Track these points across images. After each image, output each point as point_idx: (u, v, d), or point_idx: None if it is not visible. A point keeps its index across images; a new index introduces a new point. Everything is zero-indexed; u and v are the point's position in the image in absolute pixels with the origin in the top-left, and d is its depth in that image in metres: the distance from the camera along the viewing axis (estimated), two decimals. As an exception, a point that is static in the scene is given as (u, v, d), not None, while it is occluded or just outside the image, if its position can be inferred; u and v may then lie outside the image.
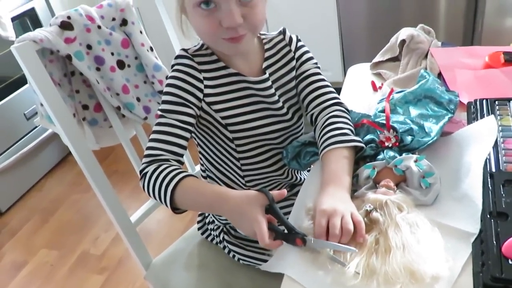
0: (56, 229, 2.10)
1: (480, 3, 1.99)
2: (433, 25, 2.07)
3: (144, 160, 0.81)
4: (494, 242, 0.61)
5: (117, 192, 1.08)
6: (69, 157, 2.54)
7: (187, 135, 0.83)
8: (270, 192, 0.70)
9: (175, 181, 0.76)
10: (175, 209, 0.79)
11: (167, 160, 0.80)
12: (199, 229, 1.14)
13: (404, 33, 1.12)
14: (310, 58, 0.94)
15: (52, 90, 0.94)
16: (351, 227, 0.66)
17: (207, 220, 1.11)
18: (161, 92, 1.13)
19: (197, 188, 0.76)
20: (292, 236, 0.67)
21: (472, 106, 0.89)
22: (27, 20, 2.30)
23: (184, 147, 0.83)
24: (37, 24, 2.32)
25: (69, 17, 0.96)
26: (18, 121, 2.26)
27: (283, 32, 0.94)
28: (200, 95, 0.85)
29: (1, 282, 1.84)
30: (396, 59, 1.15)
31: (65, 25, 0.95)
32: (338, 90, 1.11)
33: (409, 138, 0.80)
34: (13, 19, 2.13)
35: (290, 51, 0.93)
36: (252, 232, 0.68)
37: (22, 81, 2.22)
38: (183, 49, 0.87)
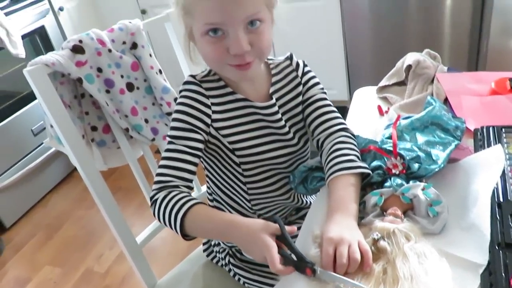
0: (60, 245, 2.09)
1: (485, 23, 2.01)
2: (438, 46, 2.09)
3: (154, 186, 0.82)
4: (503, 274, 0.61)
5: (122, 209, 1.08)
6: (75, 173, 2.55)
7: (196, 160, 0.84)
8: (280, 219, 0.70)
9: (185, 209, 0.76)
10: (185, 236, 0.79)
11: (177, 186, 0.81)
12: (204, 250, 1.14)
13: (410, 58, 1.13)
14: (317, 84, 0.95)
15: (62, 112, 0.95)
16: (358, 256, 0.66)
17: (213, 242, 1.11)
18: (169, 114, 1.14)
19: (207, 216, 0.77)
20: (302, 265, 0.67)
21: (478, 133, 0.90)
22: (37, 38, 2.34)
23: (193, 173, 0.84)
24: (46, 41, 2.36)
25: (80, 41, 0.98)
26: (26, 137, 2.28)
27: (290, 57, 0.95)
28: (208, 121, 0.86)
29: (4, 299, 1.84)
30: (402, 83, 1.16)
31: (77, 49, 0.97)
32: (343, 109, 1.12)
33: (416, 165, 0.81)
34: (23, 37, 2.17)
35: (297, 76, 0.94)
36: (263, 258, 0.68)
37: (30, 97, 2.25)
38: (191, 75, 0.88)
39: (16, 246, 2.12)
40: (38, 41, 2.34)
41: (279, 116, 0.90)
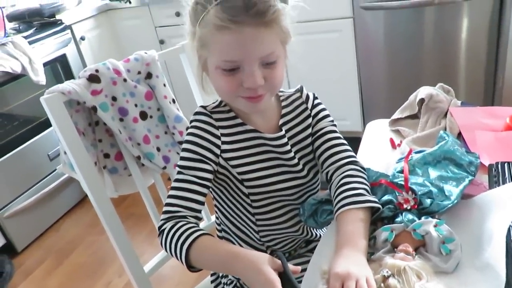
0: (70, 271, 2.09)
1: (500, 58, 2.00)
2: (454, 81, 2.08)
3: (162, 216, 0.82)
4: (520, 318, 0.58)
5: (133, 236, 1.08)
6: (87, 199, 2.54)
7: (205, 190, 0.84)
8: (284, 255, 0.69)
9: (190, 240, 0.76)
10: (191, 267, 0.78)
11: (185, 216, 0.81)
12: (212, 282, 1.13)
13: (423, 92, 1.13)
14: (327, 116, 0.95)
15: (76, 139, 0.97)
16: None
17: (220, 274, 1.10)
18: (181, 142, 1.15)
19: (212, 247, 0.76)
20: None
21: (493, 169, 0.88)
22: (58, 66, 2.41)
23: (201, 203, 0.84)
24: (67, 69, 2.43)
25: (97, 70, 1.00)
26: (42, 162, 2.32)
27: (301, 90, 0.96)
28: (217, 151, 0.86)
29: (11, 325, 1.83)
30: (415, 116, 1.15)
31: (93, 78, 0.99)
32: (357, 140, 1.11)
33: (428, 201, 0.79)
34: (45, 64, 2.24)
35: (306, 108, 0.94)
36: None
37: (47, 123, 2.25)
38: (202, 106, 0.90)
39: (26, 271, 2.12)
40: (59, 68, 2.41)
41: (288, 147, 0.90)
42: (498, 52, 2.01)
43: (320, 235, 1.04)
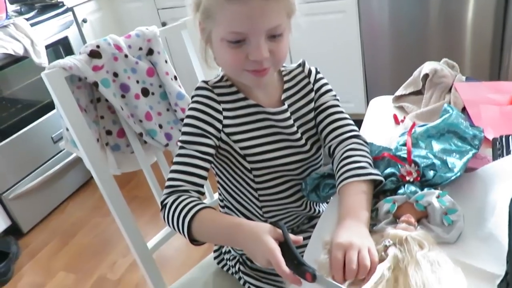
0: (75, 252, 2.11)
1: (507, 37, 1.97)
2: (459, 59, 2.05)
3: (165, 191, 0.82)
4: (521, 285, 0.58)
5: (137, 218, 1.09)
6: (92, 181, 2.57)
7: (207, 165, 0.84)
8: (285, 225, 0.69)
9: (192, 213, 0.76)
10: (194, 241, 0.78)
11: (187, 191, 0.81)
12: (215, 258, 1.13)
13: (427, 67, 1.12)
14: (329, 90, 0.94)
15: (78, 115, 0.97)
16: (367, 262, 0.64)
17: (223, 250, 1.10)
18: (183, 120, 1.14)
19: (214, 220, 0.76)
20: (302, 269, 0.65)
21: (497, 142, 0.87)
22: (60, 48, 2.40)
23: (204, 177, 0.83)
24: (69, 51, 2.42)
25: (98, 46, 1.00)
26: (46, 144, 2.32)
27: (303, 64, 0.95)
28: (219, 126, 0.86)
29: (18, 304, 1.86)
30: (419, 92, 1.14)
31: (94, 54, 0.99)
32: (360, 122, 1.11)
33: (431, 173, 0.79)
34: (47, 47, 2.23)
35: (309, 83, 0.93)
36: (266, 261, 0.66)
37: (51, 105, 2.30)
38: (203, 81, 0.89)
39: (32, 252, 2.14)
40: (61, 51, 2.40)
41: (291, 122, 0.89)
42: (504, 31, 1.98)
43: (322, 210, 1.04)
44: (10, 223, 2.18)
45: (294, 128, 0.90)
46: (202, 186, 0.84)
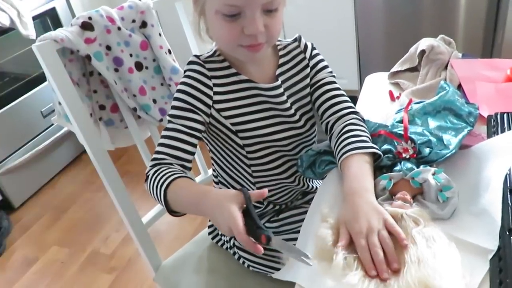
0: (67, 227, 2.11)
1: (501, 15, 1.96)
2: (452, 36, 2.04)
3: (150, 163, 0.83)
4: (513, 260, 0.60)
5: (129, 193, 1.08)
6: (83, 156, 2.57)
7: (194, 141, 0.83)
8: (248, 191, 0.69)
9: (167, 182, 0.76)
10: (172, 212, 0.79)
11: (170, 164, 0.81)
12: (209, 233, 1.14)
13: (424, 43, 1.11)
14: (326, 67, 0.94)
15: (71, 89, 0.95)
16: (390, 242, 0.65)
17: (217, 225, 1.11)
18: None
19: (186, 188, 0.76)
20: (258, 232, 0.65)
21: (492, 120, 0.88)
22: (47, 20, 2.33)
23: (190, 153, 0.83)
24: (57, 23, 2.35)
25: (90, 18, 0.97)
26: (35, 119, 2.29)
27: (299, 39, 0.93)
28: (209, 102, 0.85)
29: (11, 278, 1.86)
30: (415, 69, 1.14)
31: (86, 26, 0.96)
32: (353, 99, 1.10)
33: (427, 150, 0.79)
34: (34, 18, 2.16)
35: (304, 58, 0.92)
36: (228, 229, 0.66)
37: (40, 79, 2.25)
38: (195, 55, 0.88)
39: (24, 226, 2.14)
40: (48, 22, 2.33)
41: (284, 98, 0.89)
42: (498, 8, 1.97)
43: (316, 187, 1.04)
44: (0, 198, 2.17)
45: (288, 104, 0.89)
46: (187, 161, 0.83)
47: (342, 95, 0.92)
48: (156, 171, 0.79)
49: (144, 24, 1.06)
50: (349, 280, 0.62)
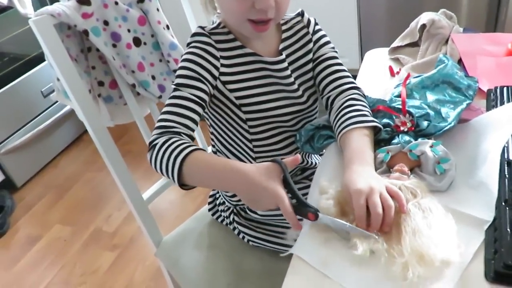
0: (70, 205, 2.13)
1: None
2: (455, 12, 2.01)
3: (155, 132, 0.78)
4: (508, 229, 0.60)
5: (131, 172, 1.09)
6: (85, 136, 2.57)
7: (200, 110, 0.82)
8: (282, 161, 0.68)
9: (184, 153, 0.72)
10: (183, 185, 0.76)
11: (179, 133, 0.78)
12: (209, 210, 1.15)
13: (425, 17, 1.10)
14: (328, 42, 0.93)
15: (69, 65, 0.94)
16: (391, 202, 0.64)
17: (217, 202, 1.12)
18: (176, 71, 1.13)
19: (208, 162, 0.73)
20: (304, 210, 0.66)
21: (492, 94, 0.87)
22: (46, -3, 2.31)
23: (196, 122, 0.81)
24: (55, 1, 2.33)
25: (86, -8, 0.96)
26: (35, 98, 2.29)
27: (302, 14, 0.93)
28: (216, 73, 0.84)
29: (15, 255, 1.89)
30: (415, 44, 1.13)
31: (83, 0, 0.95)
32: (354, 77, 1.10)
33: (425, 123, 0.79)
34: (32, -3, 2.14)
35: (307, 33, 0.92)
36: (271, 207, 0.66)
37: (39, 59, 2.24)
38: (200, 27, 0.87)
39: (27, 205, 2.16)
40: (47, 1, 2.31)
41: (288, 72, 0.88)
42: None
43: (316, 162, 1.05)
44: (3, 177, 2.18)
45: (291, 79, 0.89)
46: (193, 130, 0.81)
47: (343, 70, 0.91)
48: (166, 140, 0.75)
49: (141, -1, 1.04)
50: (357, 251, 0.62)
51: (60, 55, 0.93)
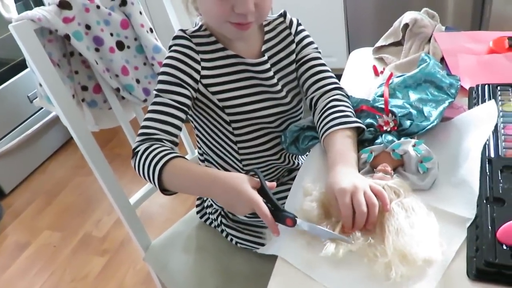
0: (59, 211, 2.11)
1: (489, -12, 1.95)
2: (441, 10, 2.03)
3: (138, 138, 0.80)
4: (490, 227, 0.61)
5: (119, 176, 1.08)
6: (73, 140, 2.50)
7: (182, 115, 0.82)
8: (259, 170, 0.70)
9: (164, 161, 0.74)
10: (164, 190, 0.77)
11: (161, 140, 0.79)
12: (197, 212, 1.15)
13: (408, 16, 1.10)
14: (311, 43, 0.93)
15: (51, 70, 0.93)
16: (375, 200, 0.65)
17: (205, 204, 1.12)
18: (160, 74, 1.12)
19: (187, 169, 0.75)
20: (282, 215, 0.67)
21: (473, 92, 0.88)
22: (30, 2, 2.29)
23: (178, 128, 0.82)
24: (40, 5, 2.31)
25: (67, -4, 0.95)
26: (22, 103, 2.26)
27: (284, 15, 0.93)
28: (197, 77, 0.84)
29: (4, 263, 1.87)
30: (399, 43, 1.14)
31: (64, 5, 0.94)
32: (340, 77, 1.10)
33: (408, 122, 0.79)
34: (16, 0, 2.12)
35: (290, 34, 0.92)
36: (247, 212, 0.67)
37: (25, 63, 2.21)
38: (181, 30, 0.87)
39: (15, 212, 2.14)
40: (31, 5, 2.30)
41: (271, 73, 0.88)
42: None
43: (302, 163, 1.05)
44: (-10, 183, 2.16)
45: (274, 80, 0.89)
46: (176, 136, 0.82)
47: (327, 71, 0.91)
48: (147, 147, 0.77)
49: (124, 2, 1.04)
50: (327, 251, 0.62)
51: (41, 60, 0.92)
